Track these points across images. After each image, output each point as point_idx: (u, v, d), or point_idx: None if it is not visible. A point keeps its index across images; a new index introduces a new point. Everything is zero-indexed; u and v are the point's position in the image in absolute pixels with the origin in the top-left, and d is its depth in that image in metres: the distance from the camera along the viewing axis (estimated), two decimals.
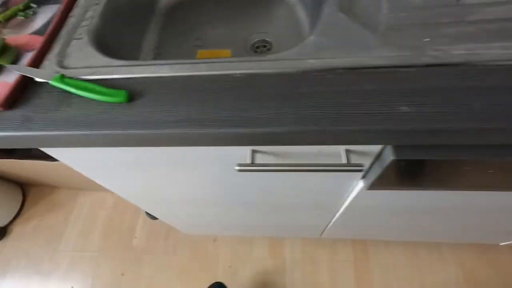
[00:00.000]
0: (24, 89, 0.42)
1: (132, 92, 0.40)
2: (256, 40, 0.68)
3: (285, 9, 0.71)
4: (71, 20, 0.49)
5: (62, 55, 0.45)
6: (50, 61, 0.44)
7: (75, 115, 0.39)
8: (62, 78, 0.41)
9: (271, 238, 1.23)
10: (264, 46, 0.68)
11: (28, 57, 0.45)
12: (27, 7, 0.51)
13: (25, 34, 0.47)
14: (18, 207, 1.37)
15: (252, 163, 0.43)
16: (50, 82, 0.41)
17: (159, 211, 0.88)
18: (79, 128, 0.38)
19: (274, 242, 1.22)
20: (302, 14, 0.68)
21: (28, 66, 0.43)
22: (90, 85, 0.40)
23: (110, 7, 0.54)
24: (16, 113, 0.40)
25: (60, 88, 0.41)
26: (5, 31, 0.49)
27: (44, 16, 0.50)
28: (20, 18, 0.50)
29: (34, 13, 0.50)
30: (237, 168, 0.43)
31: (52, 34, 0.47)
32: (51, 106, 0.40)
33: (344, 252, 1.16)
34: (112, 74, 0.42)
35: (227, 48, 0.68)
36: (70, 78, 0.41)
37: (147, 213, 1.32)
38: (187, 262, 1.22)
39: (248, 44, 0.68)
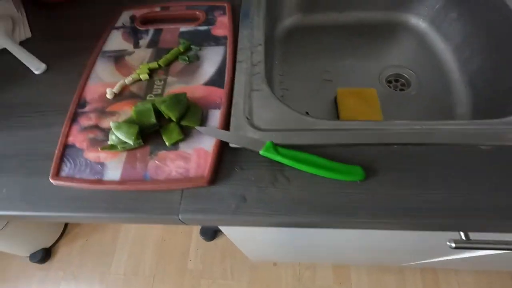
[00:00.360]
0: (221, 157, 0.37)
1: (360, 164, 0.35)
2: (389, 74, 0.64)
3: (415, 38, 0.67)
4: (242, 67, 0.44)
5: (249, 113, 0.40)
6: (238, 121, 0.39)
7: (297, 196, 0.34)
8: (275, 147, 0.35)
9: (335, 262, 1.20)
10: (397, 81, 0.63)
11: (213, 115, 0.39)
12: (187, 48, 0.45)
13: (198, 85, 0.41)
14: (62, 226, 1.29)
15: (468, 240, 0.39)
16: (261, 152, 0.35)
17: (247, 247, 0.83)
18: (309, 212, 0.33)
19: (338, 266, 1.19)
20: (439, 43, 0.63)
21: (220, 128, 0.38)
22: (312, 158, 0.35)
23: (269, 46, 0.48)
24: (223, 190, 0.35)
25: (268, 157, 0.35)
26: (170, 80, 0.42)
27: (210, 61, 0.44)
28: (182, 62, 0.44)
29: (198, 58, 0.44)
30: (453, 245, 0.39)
31: (231, 86, 0.41)
32: (262, 181, 0.35)
33: (413, 279, 1.14)
34: (316, 139, 0.37)
35: (359, 83, 0.63)
36: (282, 147, 0.36)
37: (201, 234, 1.26)
38: None
39: (382, 78, 0.63)
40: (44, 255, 1.23)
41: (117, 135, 0.35)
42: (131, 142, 0.35)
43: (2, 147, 0.41)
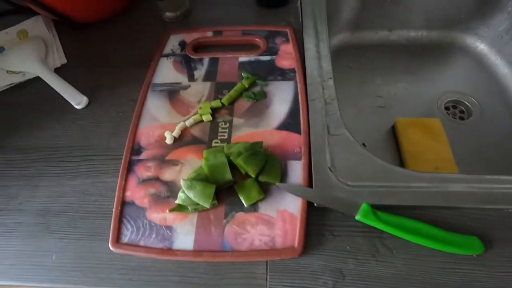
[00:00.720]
0: (307, 219, 0.32)
1: (472, 232, 0.30)
2: (447, 100, 0.59)
3: (472, 60, 0.62)
4: (316, 106, 0.38)
5: (331, 163, 0.35)
6: (321, 174, 0.33)
7: (403, 271, 0.29)
8: (373, 212, 0.30)
9: None
10: (455, 107, 0.58)
11: (294, 168, 0.34)
12: (252, 83, 0.40)
13: (270, 130, 0.36)
14: None
15: None
16: (357, 217, 0.30)
17: None
18: None
19: None
20: (501, 68, 0.58)
21: (304, 183, 0.33)
22: (419, 225, 0.30)
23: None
24: (316, 262, 0.30)
25: (364, 223, 0.31)
26: (236, 121, 0.37)
27: (280, 99, 0.39)
28: (247, 101, 0.39)
29: (265, 95, 0.39)
30: None
31: (308, 130, 0.36)
32: (360, 251, 0.30)
33: None
34: (415, 199, 0.32)
35: (415, 109, 0.58)
36: (377, 208, 0.31)
37: None
38: None
39: (440, 105, 0.58)
40: None
41: (189, 196, 0.30)
42: (207, 205, 0.30)
43: (46, 199, 0.35)
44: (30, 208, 0.35)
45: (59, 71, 0.46)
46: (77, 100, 0.42)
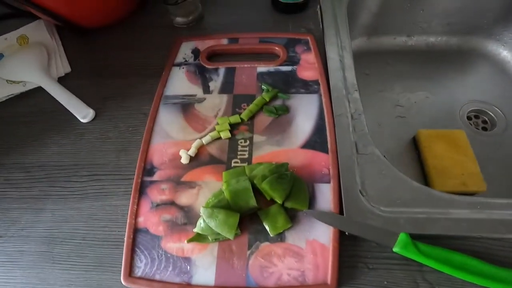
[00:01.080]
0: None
1: None
2: (469, 109, 0.56)
3: (494, 67, 0.59)
4: (342, 122, 0.35)
5: (362, 185, 0.32)
6: (351, 199, 0.31)
7: None
8: (413, 243, 0.27)
9: None
10: (477, 117, 0.55)
11: (322, 192, 0.31)
12: (273, 97, 0.37)
13: (295, 149, 0.33)
14: None
15: None
16: (395, 249, 0.27)
17: None
18: None
19: None
20: None
21: (334, 209, 0.30)
22: (463, 259, 0.27)
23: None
24: None
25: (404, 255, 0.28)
26: (257, 139, 0.34)
27: (303, 114, 0.36)
28: (268, 116, 0.36)
29: (287, 110, 0.36)
30: None
31: (336, 149, 0.33)
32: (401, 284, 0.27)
33: None
34: (458, 229, 0.29)
35: (436, 119, 0.55)
36: (415, 238, 0.28)
37: None
38: None
39: (462, 115, 0.55)
40: None
41: (211, 225, 0.27)
42: (230, 237, 0.27)
43: (50, 224, 0.32)
44: (33, 235, 0.32)
45: (63, 80, 0.43)
46: (83, 113, 0.39)
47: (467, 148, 0.49)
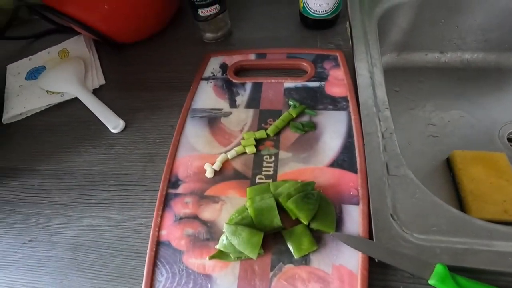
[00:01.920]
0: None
1: None
2: (509, 131, 0.52)
3: None
4: (372, 141, 0.34)
5: (393, 210, 0.30)
6: (382, 223, 0.29)
7: None
8: (451, 276, 0.25)
9: None
10: None
11: (350, 214, 0.29)
12: (300, 113, 0.36)
13: (322, 167, 0.32)
14: None
15: None
16: (431, 282, 0.25)
17: None
18: None
19: None
20: None
21: (363, 233, 0.28)
22: None
23: None
24: None
25: None
26: (282, 155, 0.34)
27: (331, 131, 0.35)
28: (295, 132, 0.35)
29: (314, 127, 0.35)
30: None
31: (366, 170, 0.32)
32: None
33: None
34: (501, 263, 0.26)
35: (472, 140, 0.52)
36: (452, 270, 0.26)
37: None
38: None
39: (501, 137, 0.51)
40: None
41: (233, 243, 0.27)
42: (253, 256, 0.26)
43: (77, 231, 0.33)
44: (61, 241, 0.33)
45: (97, 92, 0.45)
46: (114, 124, 0.40)
47: (508, 172, 0.45)
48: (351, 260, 0.27)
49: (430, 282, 0.26)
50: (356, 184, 0.31)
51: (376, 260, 0.27)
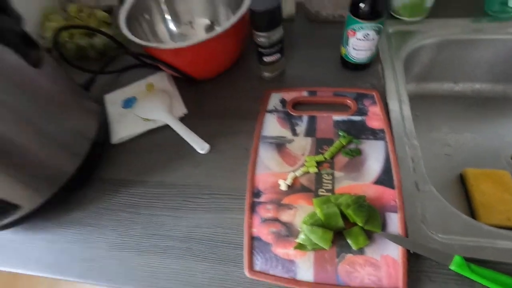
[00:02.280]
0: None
1: None
2: None
3: None
4: (404, 164, 0.45)
5: (422, 218, 0.41)
6: (414, 226, 0.40)
7: None
8: (466, 264, 0.36)
9: None
10: None
11: (391, 219, 0.41)
12: (349, 141, 0.48)
13: (368, 184, 0.44)
14: None
15: None
16: (451, 267, 0.36)
17: None
18: None
19: None
20: None
21: (402, 233, 0.40)
22: (507, 279, 0.35)
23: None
24: None
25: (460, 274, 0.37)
26: (337, 174, 0.45)
27: (373, 157, 0.46)
28: (344, 156, 0.47)
29: (360, 153, 0.47)
30: None
31: (400, 186, 0.43)
32: None
33: None
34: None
35: (482, 160, 0.62)
36: (470, 260, 0.37)
37: None
38: None
39: (506, 157, 0.62)
40: None
41: (311, 238, 0.38)
42: (326, 247, 0.38)
43: (187, 228, 0.45)
44: (176, 235, 0.45)
45: (181, 120, 0.58)
46: (201, 146, 0.52)
47: (511, 187, 0.56)
48: (394, 251, 0.38)
49: (451, 267, 0.37)
50: (394, 197, 0.42)
51: (411, 251, 0.39)
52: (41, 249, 0.47)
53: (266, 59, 0.55)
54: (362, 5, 0.47)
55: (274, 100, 0.56)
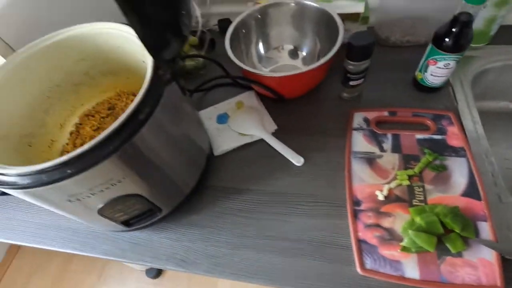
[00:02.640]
0: None
1: None
2: None
3: None
4: (486, 179, 0.52)
5: (507, 226, 0.48)
6: (502, 233, 0.47)
7: None
8: None
9: None
10: None
11: (482, 227, 0.47)
12: (435, 158, 0.55)
13: (456, 196, 0.51)
14: None
15: None
16: None
17: None
18: None
19: None
20: None
21: (493, 240, 0.46)
22: None
23: None
24: None
25: None
26: (427, 187, 0.52)
27: (457, 172, 0.53)
28: (432, 171, 0.54)
29: (445, 168, 0.54)
30: None
31: (486, 199, 0.50)
32: None
33: None
34: None
35: None
36: None
37: None
38: None
39: None
40: None
41: (416, 241, 0.45)
42: (431, 250, 0.45)
43: (296, 231, 0.53)
44: (289, 237, 0.52)
45: (273, 135, 0.65)
46: (297, 159, 0.60)
47: None
48: (488, 255, 0.45)
49: None
50: (482, 208, 0.49)
51: (501, 255, 0.45)
52: (168, 247, 0.55)
53: (352, 83, 0.62)
54: (447, 39, 0.54)
55: (358, 119, 0.63)
